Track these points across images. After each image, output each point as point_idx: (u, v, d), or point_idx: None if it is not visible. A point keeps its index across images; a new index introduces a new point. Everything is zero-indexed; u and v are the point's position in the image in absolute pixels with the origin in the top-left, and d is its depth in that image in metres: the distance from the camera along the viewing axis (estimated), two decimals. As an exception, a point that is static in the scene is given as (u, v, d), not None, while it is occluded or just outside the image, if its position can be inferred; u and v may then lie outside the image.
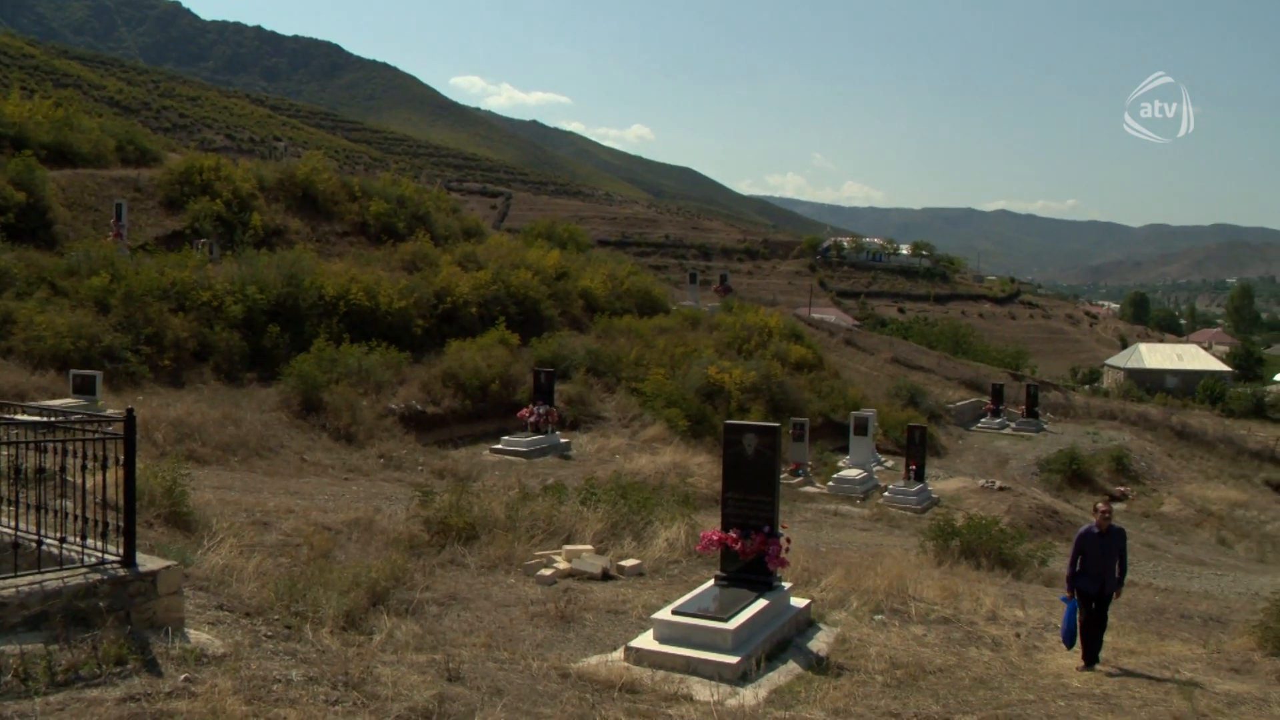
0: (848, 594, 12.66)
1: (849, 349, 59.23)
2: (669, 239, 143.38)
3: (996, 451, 44.36)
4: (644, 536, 14.55)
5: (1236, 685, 10.61)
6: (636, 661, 9.30)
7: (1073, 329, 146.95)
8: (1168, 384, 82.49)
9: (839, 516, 25.51)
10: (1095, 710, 9.01)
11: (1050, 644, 12.07)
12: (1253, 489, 47.22)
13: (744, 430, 10.82)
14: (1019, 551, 18.96)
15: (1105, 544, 11.26)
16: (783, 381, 38.17)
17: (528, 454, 26.39)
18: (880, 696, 9.09)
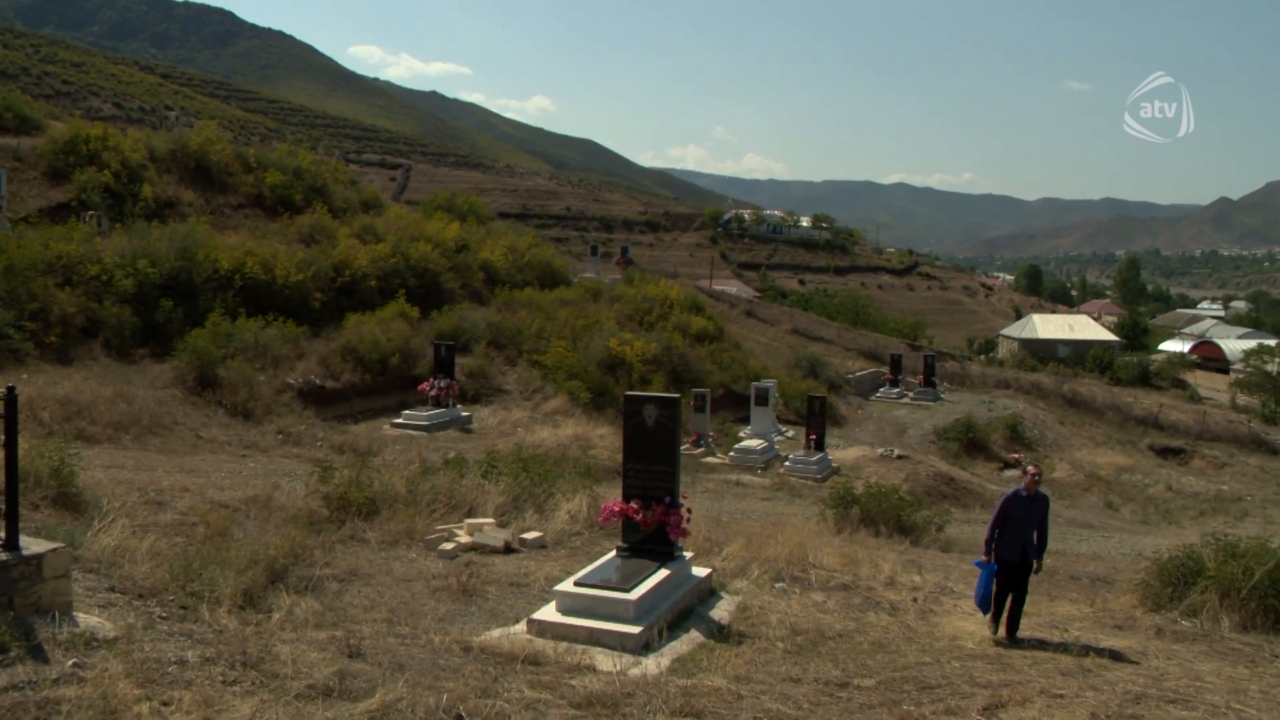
0: (749, 563, 12.79)
1: (750, 320, 59.70)
2: (570, 211, 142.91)
3: (895, 421, 45.10)
4: (546, 509, 14.54)
5: (1119, 641, 10.98)
6: (539, 633, 9.31)
7: (969, 300, 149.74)
8: (1060, 353, 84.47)
9: (740, 486, 25.76)
10: (989, 670, 9.23)
11: (947, 608, 12.33)
12: (1138, 454, 48.69)
13: (644, 401, 10.85)
14: (917, 518, 19.37)
15: (1031, 509, 11.04)
16: (684, 353, 38.38)
17: (429, 428, 26.20)
18: (781, 663, 9.21)
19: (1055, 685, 8.53)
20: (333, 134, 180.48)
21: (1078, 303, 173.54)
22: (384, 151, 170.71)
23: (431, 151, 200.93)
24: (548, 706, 6.95)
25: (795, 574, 12.63)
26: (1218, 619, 12.01)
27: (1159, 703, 8.21)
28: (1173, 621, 12.14)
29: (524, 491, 14.93)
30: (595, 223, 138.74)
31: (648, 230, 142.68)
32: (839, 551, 14.16)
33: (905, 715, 7.47)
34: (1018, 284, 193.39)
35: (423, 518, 13.62)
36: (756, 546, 13.41)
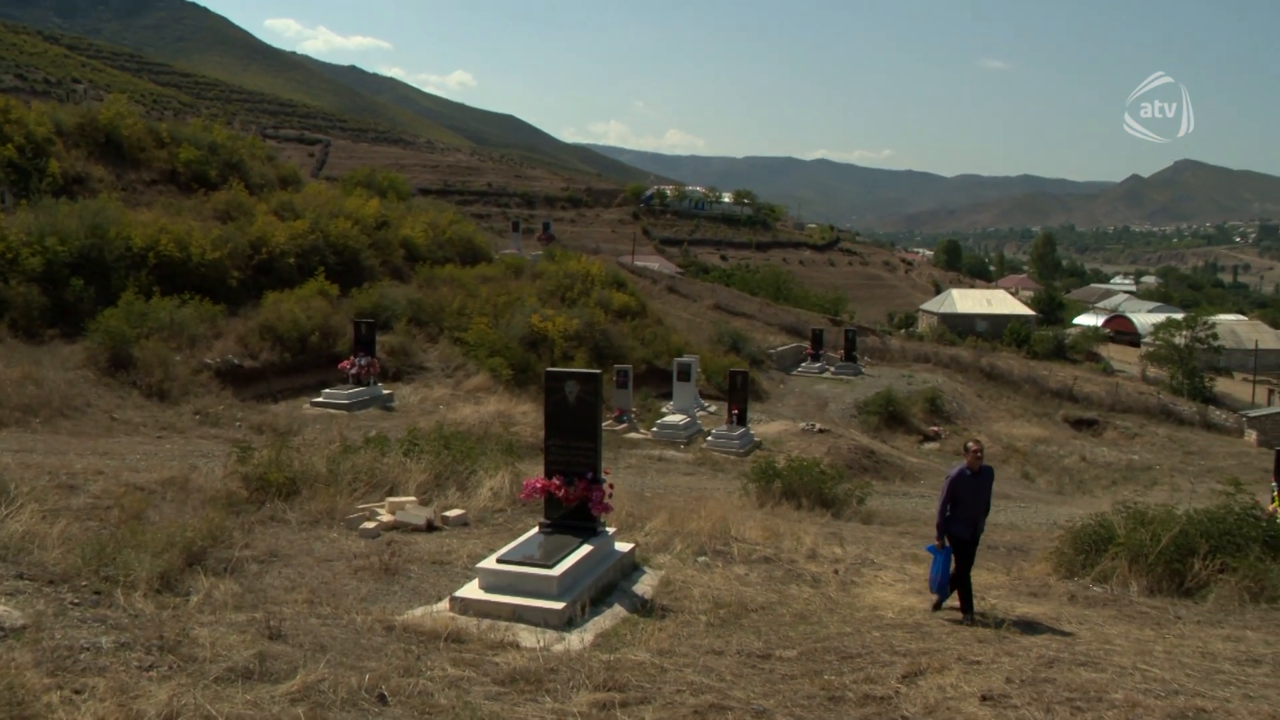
0: (672, 537, 12.87)
1: (672, 296, 59.81)
2: (492, 187, 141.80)
3: (816, 395, 45.51)
4: (468, 486, 14.48)
5: (1034, 607, 11.24)
6: (462, 611, 9.28)
7: (889, 275, 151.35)
8: (978, 328, 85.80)
9: (663, 461, 25.85)
10: (908, 638, 9.38)
11: (867, 579, 12.51)
12: (1053, 426, 49.71)
13: (565, 377, 10.83)
14: (838, 491, 19.60)
15: (978, 486, 11.08)
16: (606, 329, 38.38)
17: (349, 406, 25.94)
18: (704, 636, 9.28)
19: (972, 652, 8.71)
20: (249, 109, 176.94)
21: (995, 278, 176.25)
22: (302, 127, 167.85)
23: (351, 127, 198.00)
24: (471, 684, 6.94)
25: (718, 548, 12.73)
26: (1127, 584, 12.35)
27: (1070, 665, 8.41)
28: (1085, 588, 12.45)
29: (446, 469, 14.85)
30: (517, 199, 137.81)
31: (570, 206, 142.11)
32: (761, 525, 14.28)
33: (826, 685, 7.56)
34: (937, 259, 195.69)
35: (344, 497, 13.50)
36: (679, 521, 13.49)
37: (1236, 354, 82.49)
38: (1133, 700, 7.32)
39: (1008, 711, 7.00)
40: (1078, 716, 6.91)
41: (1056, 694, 7.45)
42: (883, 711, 6.90)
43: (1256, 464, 40.97)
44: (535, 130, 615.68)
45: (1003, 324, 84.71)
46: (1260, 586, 12.02)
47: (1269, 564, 12.32)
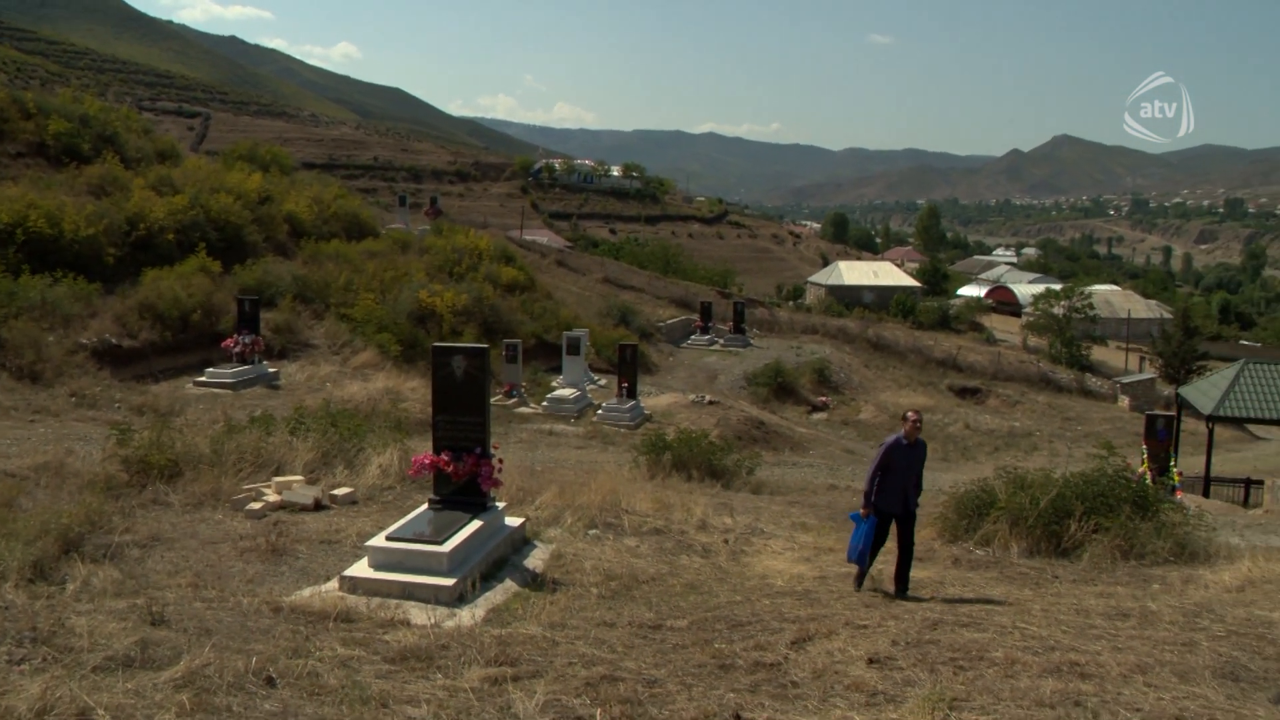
0: (563, 511, 12.87)
1: (561, 270, 59.66)
2: (378, 161, 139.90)
3: (706, 367, 45.84)
4: (356, 464, 14.31)
5: (920, 572, 11.49)
6: (351, 590, 9.19)
7: (778, 248, 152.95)
8: (865, 299, 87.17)
9: (554, 435, 25.83)
10: (797, 605, 9.53)
11: (757, 548, 12.67)
12: (938, 394, 50.81)
13: (452, 353, 10.74)
14: (728, 462, 19.80)
15: (912, 457, 10.73)
16: (495, 304, 38.16)
17: (234, 385, 25.42)
18: (596, 608, 9.31)
19: (859, 617, 8.87)
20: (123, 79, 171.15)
21: (882, 250, 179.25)
22: (180, 99, 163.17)
23: (232, 100, 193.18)
24: (361, 663, 6.87)
25: (609, 520, 12.78)
26: (1008, 546, 12.73)
27: (954, 627, 8.63)
28: (968, 551, 12.79)
29: (334, 447, 14.65)
30: (404, 173, 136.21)
31: (458, 180, 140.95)
32: (652, 497, 14.36)
33: (717, 653, 7.64)
34: (824, 232, 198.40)
35: (229, 478, 13.22)
36: (570, 494, 13.49)
37: (1111, 323, 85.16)
38: (1011, 658, 7.54)
39: (893, 673, 7.15)
40: (960, 675, 7.08)
41: (940, 654, 7.63)
42: (772, 678, 7.00)
43: (1129, 428, 42.41)
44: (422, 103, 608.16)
45: (889, 295, 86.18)
46: (1130, 545, 12.51)
47: (1138, 523, 12.83)
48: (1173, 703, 6.54)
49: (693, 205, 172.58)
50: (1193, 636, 8.59)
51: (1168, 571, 11.99)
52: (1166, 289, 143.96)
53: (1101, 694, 6.66)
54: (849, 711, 6.16)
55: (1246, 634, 8.68)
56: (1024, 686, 6.80)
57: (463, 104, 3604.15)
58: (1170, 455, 25.00)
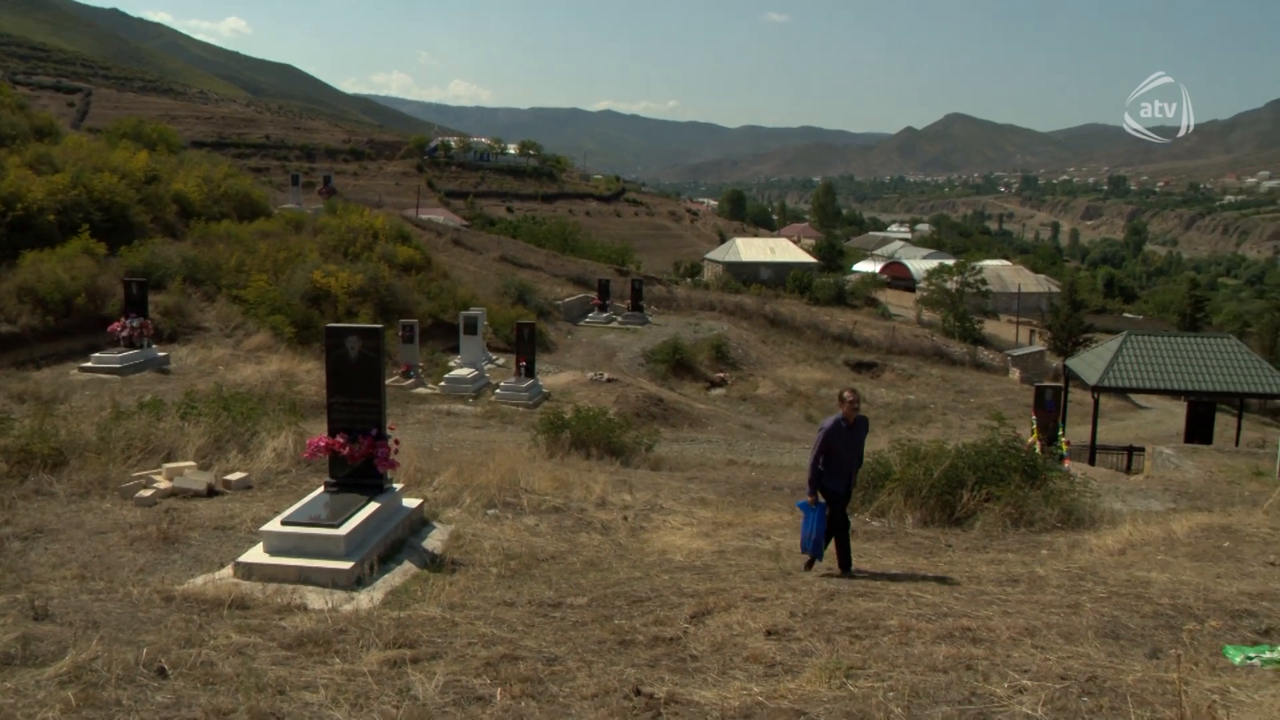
0: (461, 491, 12.80)
1: (458, 249, 59.15)
2: (270, 140, 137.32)
3: (604, 345, 45.86)
4: (250, 448, 14.05)
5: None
6: (246, 576, 9.03)
7: (675, 225, 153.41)
8: (762, 275, 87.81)
9: (452, 416, 25.65)
10: (696, 580, 9.61)
11: (656, 524, 12.73)
12: (835, 369, 51.48)
13: (346, 333, 10.59)
14: (626, 439, 19.87)
15: (853, 437, 10.49)
16: (391, 284, 37.73)
17: (121, 370, 24.75)
18: (495, 588, 9.29)
19: (757, 590, 8.98)
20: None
21: (778, 227, 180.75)
22: (59, 74, 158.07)
23: (115, 75, 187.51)
24: (257, 650, 6.77)
25: (507, 500, 12.74)
26: (903, 517, 13.00)
27: (850, 597, 8.79)
28: (864, 522, 13.01)
29: (226, 432, 14.36)
30: (296, 151, 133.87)
31: (352, 159, 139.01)
32: (551, 475, 14.35)
33: (617, 629, 7.68)
34: (721, 209, 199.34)
35: (117, 465, 12.88)
36: (468, 474, 13.42)
37: (1002, 297, 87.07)
38: (906, 625, 7.71)
39: (791, 644, 7.25)
40: (856, 644, 7.22)
41: (836, 624, 7.77)
42: (672, 652, 7.05)
43: (1019, 399, 43.47)
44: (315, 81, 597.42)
45: (786, 272, 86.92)
46: (1020, 512, 12.86)
47: (1028, 492, 13.19)
48: (1058, 662, 6.75)
49: (590, 183, 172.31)
50: (1077, 599, 8.88)
51: (1055, 537, 12.35)
52: (1055, 264, 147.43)
53: (992, 657, 6.84)
54: (748, 683, 6.23)
55: (1126, 594, 9.01)
56: (918, 653, 6.96)
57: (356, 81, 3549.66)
58: (1058, 425, 25.70)
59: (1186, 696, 5.72)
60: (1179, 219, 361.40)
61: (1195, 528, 12.40)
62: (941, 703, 5.80)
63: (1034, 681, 6.21)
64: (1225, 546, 11.51)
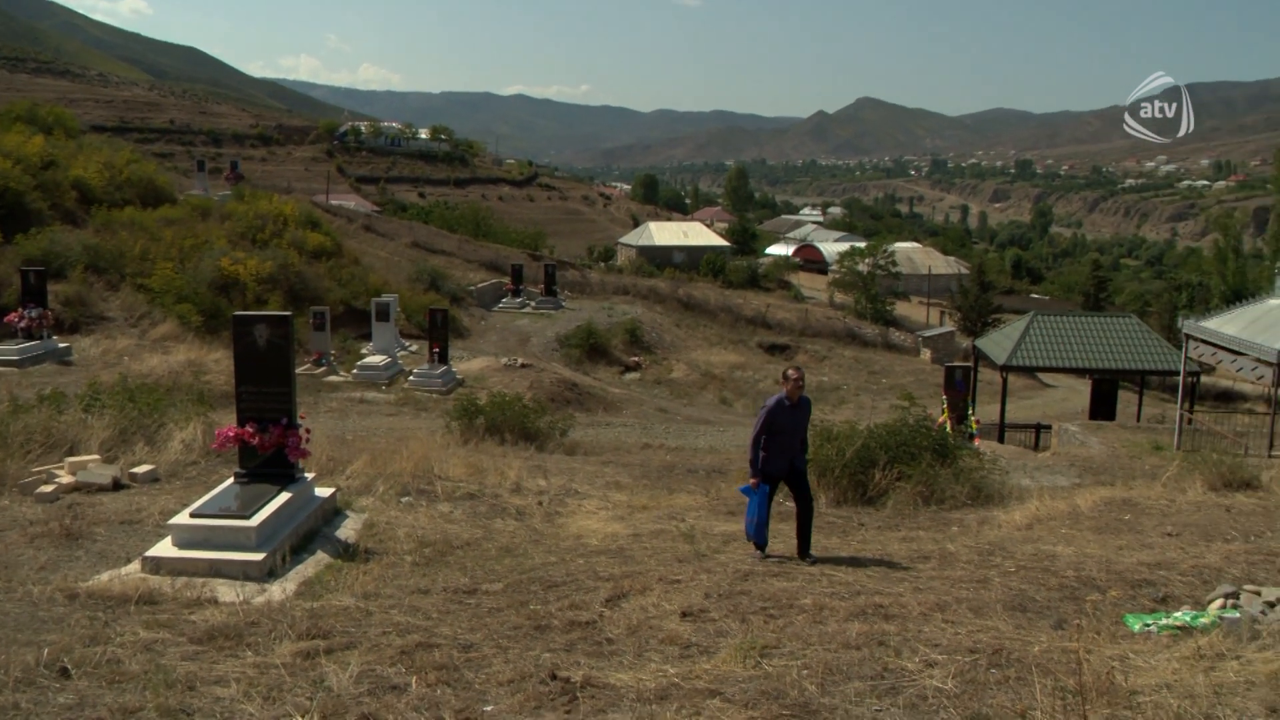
0: (374, 479, 12.69)
1: (369, 235, 58.51)
2: (174, 124, 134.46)
3: (518, 330, 45.71)
4: (157, 440, 13.77)
5: (731, 525, 11.76)
6: (154, 571, 8.85)
7: (588, 209, 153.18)
8: (675, 259, 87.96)
9: (365, 403, 25.42)
10: (611, 563, 9.63)
11: (571, 508, 12.73)
12: (748, 352, 51.85)
13: (254, 321, 10.41)
14: (541, 424, 19.84)
15: (796, 417, 10.19)
16: (301, 271, 37.23)
17: (20, 362, 24.11)
18: (410, 576, 9.22)
19: (672, 572, 9.02)
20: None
21: (691, 210, 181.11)
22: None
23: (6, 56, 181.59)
24: (166, 646, 6.64)
25: (422, 487, 12.66)
26: (817, 497, 13.09)
27: (764, 577, 8.87)
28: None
29: (132, 424, 14.04)
30: (202, 136, 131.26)
31: (260, 144, 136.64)
32: (465, 462, 14.29)
33: (532, 615, 7.67)
34: (635, 193, 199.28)
35: (15, 461, 12.52)
36: (382, 462, 13.31)
37: (913, 279, 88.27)
38: (820, 604, 7.80)
39: (706, 625, 7.30)
40: (770, 624, 7.29)
41: (751, 604, 7.84)
42: (587, 636, 7.06)
43: (931, 379, 44.18)
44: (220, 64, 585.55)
45: (699, 255, 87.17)
46: (931, 491, 13.08)
47: (939, 470, 13.41)
48: (968, 636, 6.89)
49: (502, 168, 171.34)
50: (986, 574, 9.08)
51: (965, 514, 12.58)
52: (964, 246, 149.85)
53: (904, 633, 6.96)
54: (663, 665, 6.26)
55: (1033, 568, 9.23)
56: (832, 630, 7.05)
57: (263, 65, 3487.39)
58: (968, 404, 26.11)
59: (1088, 664, 5.87)
60: (1083, 202, 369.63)
61: (1098, 502, 12.71)
62: (854, 678, 5.88)
63: (944, 655, 6.33)
64: (1126, 519, 11.81)
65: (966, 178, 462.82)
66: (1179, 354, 29.06)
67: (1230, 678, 5.69)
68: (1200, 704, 5.21)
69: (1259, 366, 24.10)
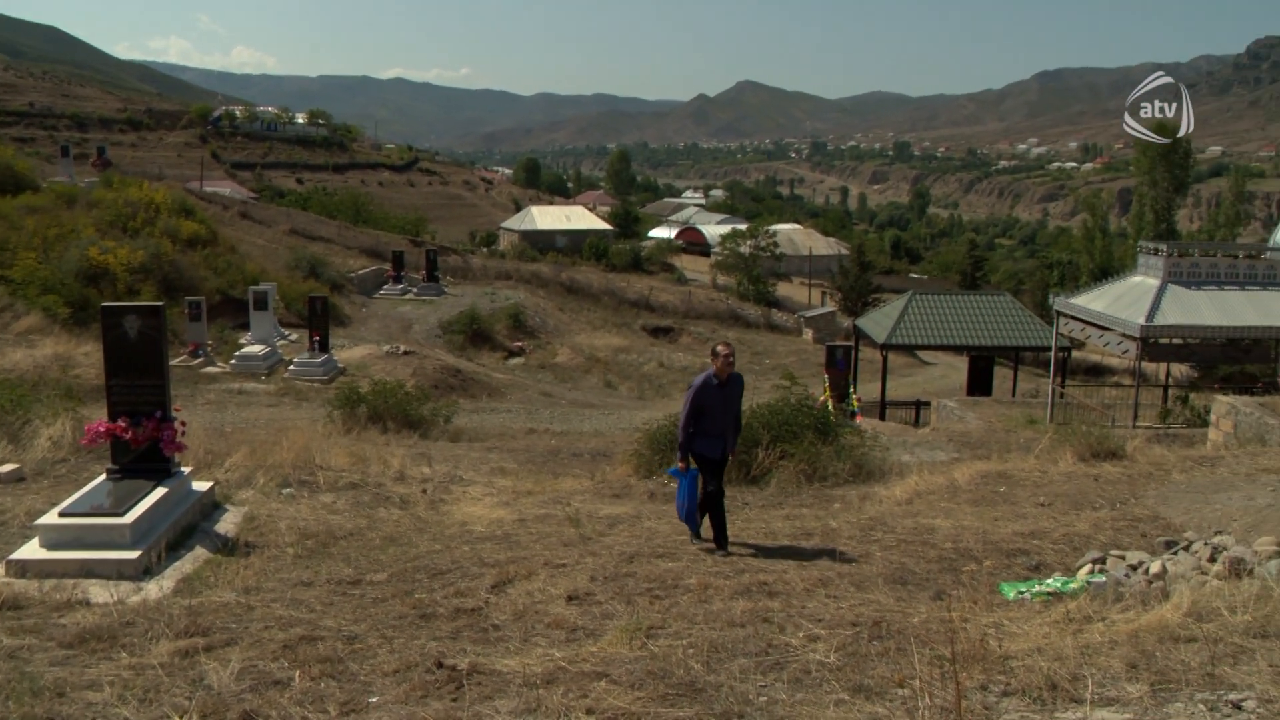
0: (254, 471, 12.44)
1: (246, 222, 57.27)
2: (35, 107, 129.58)
3: (400, 317, 45.25)
4: (22, 438, 13.28)
5: (616, 508, 11.80)
6: (20, 574, 8.53)
7: (470, 194, 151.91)
8: (558, 243, 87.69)
9: (244, 395, 24.94)
10: (497, 549, 9.59)
11: (456, 495, 12.65)
12: (632, 335, 52.05)
13: (124, 312, 10.10)
14: (424, 412, 19.72)
15: (727, 396, 9.69)
16: (175, 260, 36.28)
17: (-126, 359, 23.15)
18: (293, 568, 9.07)
19: (558, 556, 9.02)
20: None
21: (574, 194, 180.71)
22: None
23: None
24: (33, 652, 6.42)
25: (303, 478, 12.45)
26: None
27: (650, 558, 8.93)
28: (663, 485, 13.19)
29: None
30: (66, 120, 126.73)
31: (129, 129, 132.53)
32: (347, 451, 14.11)
33: (417, 603, 7.61)
34: (517, 177, 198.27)
35: None
36: (261, 454, 13.05)
37: (794, 260, 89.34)
38: (705, 583, 7.88)
39: (592, 608, 7.32)
40: (656, 604, 7.35)
41: (637, 586, 7.89)
42: (473, 623, 7.03)
43: (813, 359, 44.84)
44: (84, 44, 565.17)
45: (582, 239, 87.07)
46: (814, 468, 13.28)
47: (821, 448, 13.62)
48: (850, 610, 7.04)
49: (382, 153, 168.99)
50: (868, 549, 9.27)
51: (847, 491, 12.80)
52: (844, 227, 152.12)
53: (788, 609, 7.07)
54: (550, 649, 6.26)
55: (913, 541, 9.46)
56: (717, 609, 7.12)
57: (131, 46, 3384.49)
58: (849, 383, 26.61)
59: (965, 633, 6.03)
60: (959, 183, 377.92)
61: (975, 475, 13.03)
62: (739, 655, 5.95)
63: (827, 630, 6.44)
64: (1002, 491, 12.14)
65: (846, 160, 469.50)
66: (1050, 330, 29.95)
67: (1096, 639, 5.91)
68: (1068, 664, 5.39)
69: (1124, 341, 24.96)
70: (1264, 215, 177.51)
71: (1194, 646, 5.63)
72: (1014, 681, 5.24)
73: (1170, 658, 5.45)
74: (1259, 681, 5.07)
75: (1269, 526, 9.16)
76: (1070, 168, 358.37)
